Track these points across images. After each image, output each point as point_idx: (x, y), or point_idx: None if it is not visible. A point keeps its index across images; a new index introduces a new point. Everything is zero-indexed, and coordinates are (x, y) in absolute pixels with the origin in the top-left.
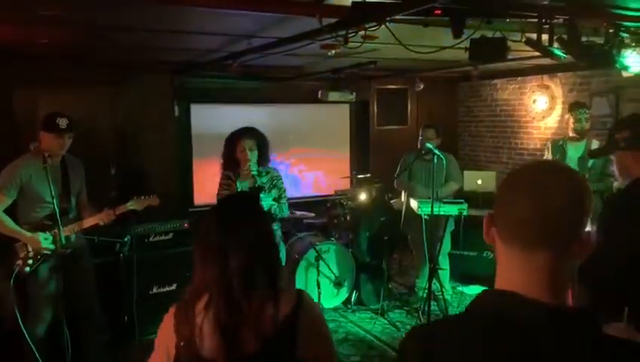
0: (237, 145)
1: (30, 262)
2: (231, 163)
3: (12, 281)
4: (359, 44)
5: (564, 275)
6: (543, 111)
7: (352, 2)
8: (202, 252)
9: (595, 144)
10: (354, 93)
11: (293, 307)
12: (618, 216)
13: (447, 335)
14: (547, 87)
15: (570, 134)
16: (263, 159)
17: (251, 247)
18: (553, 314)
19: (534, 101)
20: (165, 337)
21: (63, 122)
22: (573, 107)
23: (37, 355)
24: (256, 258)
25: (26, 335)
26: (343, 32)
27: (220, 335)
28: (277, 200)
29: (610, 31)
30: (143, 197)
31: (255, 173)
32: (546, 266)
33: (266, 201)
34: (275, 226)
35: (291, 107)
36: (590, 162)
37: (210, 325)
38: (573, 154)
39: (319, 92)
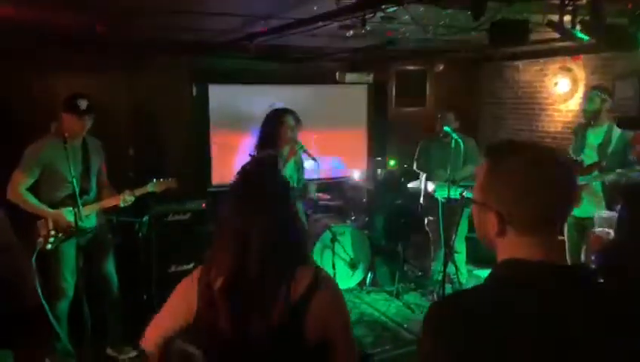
0: (282, 124)
1: (52, 239)
2: (273, 141)
3: (34, 258)
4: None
5: None
6: (564, 94)
7: None
8: (221, 236)
9: (617, 130)
10: (371, 75)
11: (308, 286)
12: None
13: (481, 300)
14: (569, 70)
15: (586, 119)
16: None
17: (272, 233)
18: (572, 272)
19: (556, 84)
20: (186, 298)
21: (83, 103)
22: (589, 90)
23: (59, 331)
24: (277, 243)
25: (48, 312)
26: (361, 14)
27: (231, 320)
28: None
29: (637, 13)
30: (162, 179)
31: (305, 149)
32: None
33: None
34: (298, 205)
35: (309, 88)
36: (610, 149)
37: (225, 306)
38: (593, 140)
39: (337, 73)
